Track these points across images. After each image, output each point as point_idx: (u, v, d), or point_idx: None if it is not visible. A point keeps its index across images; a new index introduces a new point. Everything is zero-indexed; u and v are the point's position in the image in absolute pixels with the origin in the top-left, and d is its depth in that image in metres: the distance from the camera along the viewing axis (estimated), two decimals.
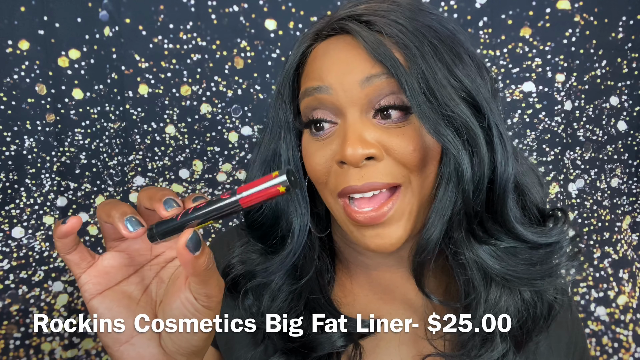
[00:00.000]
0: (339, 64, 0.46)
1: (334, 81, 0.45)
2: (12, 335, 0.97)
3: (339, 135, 0.46)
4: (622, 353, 1.07)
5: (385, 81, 0.44)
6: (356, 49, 0.45)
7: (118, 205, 0.37)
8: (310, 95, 0.47)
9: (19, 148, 0.95)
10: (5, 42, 0.93)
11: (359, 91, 0.44)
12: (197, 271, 0.35)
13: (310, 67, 0.49)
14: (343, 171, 0.45)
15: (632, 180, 1.05)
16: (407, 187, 0.45)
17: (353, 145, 0.43)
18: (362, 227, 0.46)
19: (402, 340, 0.51)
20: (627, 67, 1.01)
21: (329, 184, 0.47)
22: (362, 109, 0.45)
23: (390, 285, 0.53)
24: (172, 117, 0.99)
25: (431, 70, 0.43)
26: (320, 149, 0.47)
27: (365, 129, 0.44)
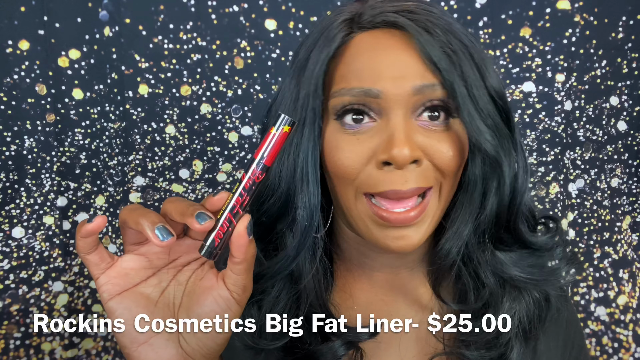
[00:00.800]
0: (392, 66, 0.44)
1: (386, 86, 0.43)
2: (12, 335, 0.97)
3: (379, 133, 0.44)
4: (622, 353, 1.07)
5: (436, 91, 0.44)
6: (409, 49, 0.44)
7: (147, 213, 0.37)
8: (355, 96, 0.44)
9: (19, 148, 0.95)
10: (5, 42, 0.93)
11: (410, 96, 0.44)
12: (248, 256, 0.37)
13: (352, 61, 0.45)
14: (383, 173, 0.44)
15: (632, 180, 1.05)
16: (436, 190, 0.45)
17: (402, 146, 0.42)
18: (386, 228, 0.45)
19: (402, 340, 0.51)
20: (627, 67, 1.01)
21: (357, 181, 0.45)
22: (407, 111, 0.44)
23: (392, 286, 0.53)
24: (172, 117, 0.99)
25: (474, 78, 0.44)
26: (354, 144, 0.45)
27: (410, 130, 0.44)
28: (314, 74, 0.46)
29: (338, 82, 0.45)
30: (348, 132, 0.45)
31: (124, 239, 0.40)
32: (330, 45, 0.46)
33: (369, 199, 0.45)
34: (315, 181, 0.46)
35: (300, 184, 0.46)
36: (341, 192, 0.47)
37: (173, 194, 1.01)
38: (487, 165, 0.45)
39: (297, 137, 0.46)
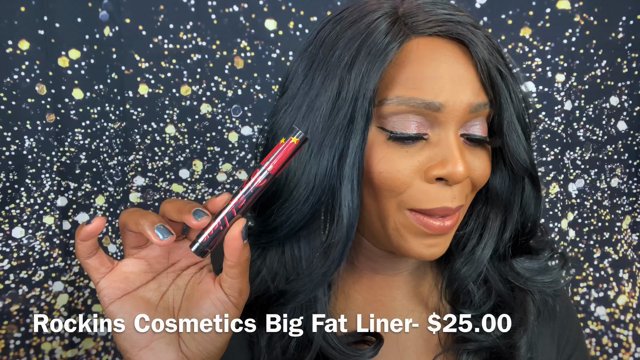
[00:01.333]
0: (453, 80, 0.43)
1: (448, 100, 0.42)
2: (12, 335, 0.98)
3: (430, 147, 0.43)
4: (622, 353, 1.07)
5: (486, 111, 0.45)
6: (468, 63, 0.44)
7: (146, 214, 0.38)
8: (414, 106, 0.42)
9: (19, 148, 0.95)
10: (5, 42, 0.93)
11: (465, 113, 0.43)
12: (242, 259, 0.37)
13: (412, 68, 0.43)
14: (434, 188, 0.43)
15: (632, 180, 1.05)
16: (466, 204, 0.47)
17: (461, 165, 0.42)
18: (424, 237, 0.45)
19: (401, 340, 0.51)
20: (627, 67, 1.01)
21: (405, 195, 0.43)
22: (458, 126, 0.44)
23: (391, 287, 0.53)
24: (172, 117, 0.99)
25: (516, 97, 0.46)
26: (405, 157, 0.43)
27: (462, 148, 0.44)
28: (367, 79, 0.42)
29: (392, 87, 0.43)
30: (400, 146, 0.43)
31: (124, 242, 0.40)
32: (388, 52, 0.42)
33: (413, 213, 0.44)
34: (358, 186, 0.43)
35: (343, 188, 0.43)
36: (382, 203, 0.45)
37: (173, 194, 1.01)
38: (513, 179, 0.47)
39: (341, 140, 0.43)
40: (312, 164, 0.44)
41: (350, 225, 0.43)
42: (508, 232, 0.48)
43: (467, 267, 0.48)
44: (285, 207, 0.45)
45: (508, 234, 0.48)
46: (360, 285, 0.53)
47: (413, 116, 0.43)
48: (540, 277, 0.51)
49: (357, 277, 0.54)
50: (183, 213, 0.37)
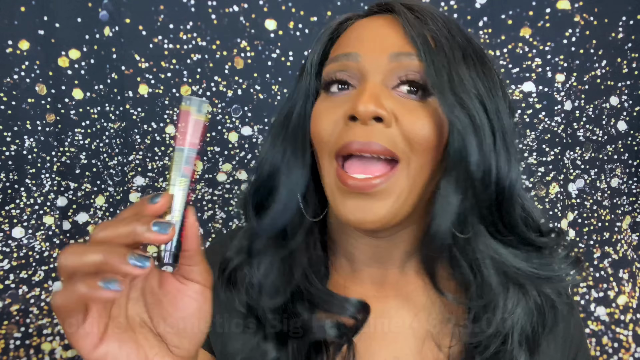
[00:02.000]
0: (373, 36, 0.47)
1: (364, 50, 0.46)
2: (12, 335, 0.98)
3: (355, 95, 0.45)
4: (622, 353, 1.07)
5: (413, 62, 0.45)
6: (394, 27, 0.47)
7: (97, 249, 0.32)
8: (337, 61, 0.47)
9: (19, 148, 0.95)
10: (5, 42, 0.93)
11: (386, 63, 0.45)
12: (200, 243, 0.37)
13: (343, 38, 0.50)
14: (348, 127, 0.44)
15: (632, 180, 1.05)
16: (405, 166, 0.44)
17: (367, 101, 0.43)
18: (347, 196, 0.44)
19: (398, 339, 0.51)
20: (627, 67, 1.01)
21: (329, 143, 0.46)
22: (384, 78, 0.45)
23: (384, 283, 0.52)
24: (172, 117, 0.99)
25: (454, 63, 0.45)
26: (332, 107, 0.46)
27: (382, 94, 0.44)
28: (312, 55, 0.51)
29: (330, 56, 0.49)
30: (330, 98, 0.47)
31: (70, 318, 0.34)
32: (328, 30, 0.51)
33: (340, 164, 0.45)
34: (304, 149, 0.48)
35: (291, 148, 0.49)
36: (321, 159, 0.47)
37: None
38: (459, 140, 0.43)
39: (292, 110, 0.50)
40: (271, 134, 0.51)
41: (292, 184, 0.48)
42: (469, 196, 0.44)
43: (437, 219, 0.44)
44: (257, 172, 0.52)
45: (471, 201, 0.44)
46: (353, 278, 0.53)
47: (340, 72, 0.47)
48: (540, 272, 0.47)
49: (347, 271, 0.54)
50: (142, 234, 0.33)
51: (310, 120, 0.48)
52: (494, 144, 0.44)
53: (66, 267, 0.32)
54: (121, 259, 0.32)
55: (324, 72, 0.48)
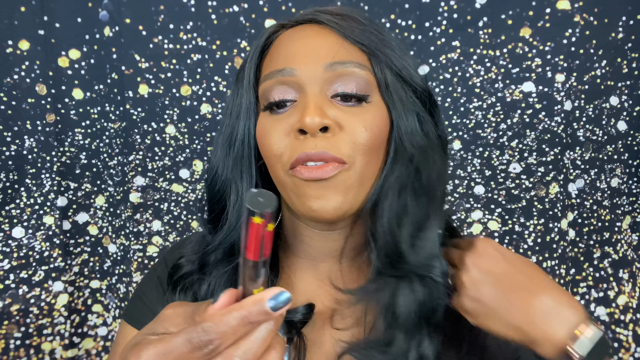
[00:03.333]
0: (305, 47, 0.49)
1: (299, 63, 0.48)
2: (12, 335, 0.98)
3: (298, 108, 0.48)
4: (622, 353, 1.07)
5: (347, 69, 0.48)
6: (323, 35, 0.49)
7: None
8: (272, 78, 0.49)
9: (19, 148, 0.96)
10: (5, 42, 0.93)
11: (322, 72, 0.48)
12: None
13: (274, 51, 0.51)
14: (299, 142, 0.47)
15: (632, 180, 1.05)
16: (352, 165, 0.48)
17: (312, 113, 0.45)
18: (306, 188, 0.47)
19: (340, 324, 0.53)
20: (627, 67, 1.01)
21: (283, 157, 0.48)
22: (322, 87, 0.48)
23: (337, 276, 0.54)
24: (172, 117, 0.99)
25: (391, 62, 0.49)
26: (277, 124, 0.48)
27: (324, 104, 0.47)
28: (246, 69, 0.52)
29: (263, 72, 0.51)
30: (274, 116, 0.49)
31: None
32: (259, 41, 0.53)
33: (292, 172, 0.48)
34: (249, 164, 0.52)
35: (237, 165, 0.52)
36: (275, 173, 0.50)
37: (173, 194, 1.01)
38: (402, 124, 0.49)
39: (236, 126, 0.52)
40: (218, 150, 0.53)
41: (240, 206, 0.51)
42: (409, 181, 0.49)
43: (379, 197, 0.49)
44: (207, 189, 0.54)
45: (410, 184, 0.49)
46: (307, 276, 0.55)
47: (278, 87, 0.49)
48: (433, 262, 0.48)
49: (301, 268, 0.56)
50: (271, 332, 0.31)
51: (254, 136, 0.52)
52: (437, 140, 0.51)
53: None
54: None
55: (261, 90, 0.50)
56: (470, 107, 1.01)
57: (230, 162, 0.52)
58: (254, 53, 0.52)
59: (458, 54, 0.99)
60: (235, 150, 0.52)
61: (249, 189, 0.40)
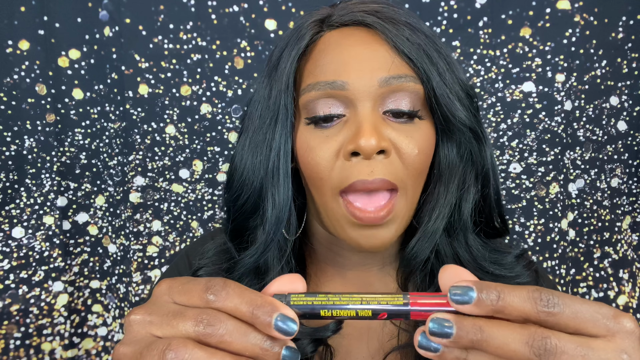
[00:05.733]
0: (357, 58, 0.45)
1: (351, 76, 0.44)
2: (12, 335, 0.97)
3: (348, 126, 0.44)
4: None
5: (404, 84, 0.44)
6: (375, 43, 0.45)
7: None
8: (319, 90, 0.45)
9: (19, 148, 0.96)
10: (5, 42, 0.93)
11: (377, 88, 0.44)
12: None
13: (320, 56, 0.46)
14: (351, 165, 0.44)
15: (632, 180, 1.05)
16: (403, 192, 0.45)
17: (369, 135, 0.42)
18: (360, 227, 0.45)
19: (370, 335, 0.52)
20: (627, 67, 1.01)
21: (331, 179, 0.45)
22: (375, 103, 0.44)
23: (364, 283, 0.53)
24: (172, 117, 0.99)
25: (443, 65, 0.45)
26: (325, 142, 0.45)
27: (378, 123, 0.44)
28: (285, 71, 0.47)
29: (306, 78, 0.46)
30: (320, 130, 0.46)
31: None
32: (300, 42, 0.47)
33: (344, 197, 0.45)
34: (286, 177, 0.47)
35: (272, 180, 0.47)
36: (319, 193, 0.46)
37: (173, 194, 1.01)
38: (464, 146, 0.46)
39: (270, 134, 0.47)
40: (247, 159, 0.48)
41: (277, 218, 0.46)
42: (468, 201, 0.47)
43: (419, 243, 0.47)
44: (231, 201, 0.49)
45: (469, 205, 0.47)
46: (333, 283, 0.54)
47: (325, 100, 0.45)
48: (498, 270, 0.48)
49: (330, 276, 0.54)
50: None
51: (291, 148, 0.47)
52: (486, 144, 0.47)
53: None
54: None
55: (304, 100, 0.46)
56: None
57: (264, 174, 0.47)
58: (295, 55, 0.47)
59: (458, 54, 0.99)
60: (270, 162, 0.47)
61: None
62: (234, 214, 0.49)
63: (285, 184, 0.47)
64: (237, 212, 0.49)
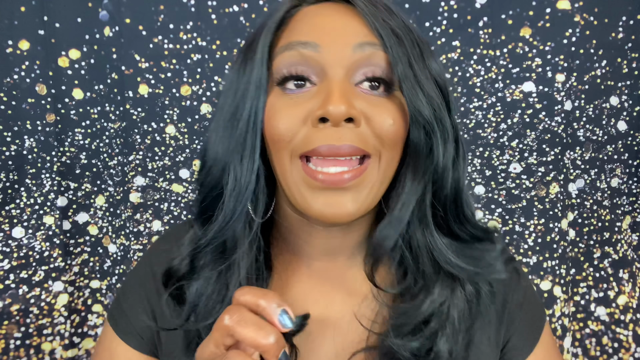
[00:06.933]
0: (333, 24, 0.44)
1: (325, 39, 0.43)
2: (12, 335, 0.98)
3: (318, 94, 0.43)
4: (622, 353, 1.07)
5: (377, 52, 0.44)
6: (352, 15, 0.45)
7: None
8: (292, 49, 0.44)
9: (19, 148, 0.96)
10: (5, 42, 0.93)
11: (350, 54, 0.43)
12: None
13: (295, 25, 0.46)
14: (318, 130, 0.42)
15: (632, 180, 1.05)
16: (376, 160, 0.44)
17: (339, 101, 0.41)
18: (317, 192, 0.43)
19: (335, 332, 0.51)
20: (627, 67, 1.01)
21: (292, 142, 0.43)
22: (347, 72, 0.44)
23: (330, 275, 0.52)
24: (172, 117, 0.99)
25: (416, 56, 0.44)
26: (291, 106, 0.44)
27: (349, 91, 0.43)
28: (260, 42, 0.46)
29: (279, 43, 0.46)
30: (288, 96, 0.45)
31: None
32: (276, 14, 0.47)
33: (304, 162, 0.44)
34: (253, 150, 0.45)
35: (237, 152, 0.45)
36: (278, 158, 0.45)
37: (173, 194, 1.01)
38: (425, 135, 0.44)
39: (241, 105, 0.45)
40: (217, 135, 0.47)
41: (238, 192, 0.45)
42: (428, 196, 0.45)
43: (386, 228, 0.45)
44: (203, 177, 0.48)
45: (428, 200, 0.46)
46: (299, 274, 0.52)
47: (298, 63, 0.44)
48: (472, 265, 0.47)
49: (296, 266, 0.53)
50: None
51: (262, 118, 0.45)
52: (454, 139, 0.46)
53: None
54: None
55: (277, 62, 0.45)
56: (471, 107, 1.01)
57: (231, 144, 0.46)
58: (271, 26, 0.46)
59: (458, 54, 0.99)
60: (237, 130, 0.45)
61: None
62: (203, 191, 0.48)
63: (251, 156, 0.45)
64: (206, 188, 0.48)
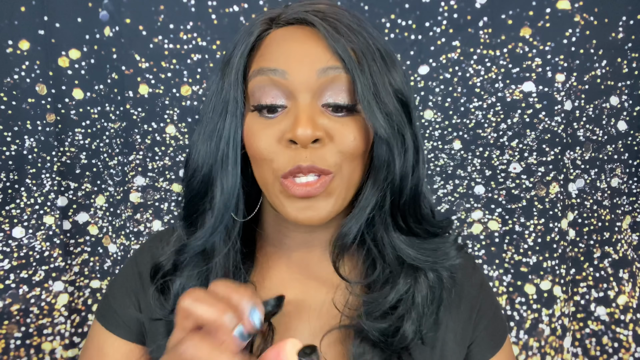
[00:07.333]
0: (298, 51, 0.49)
1: (292, 67, 0.48)
2: (12, 335, 0.98)
3: (289, 116, 0.49)
4: (622, 353, 1.07)
5: (340, 75, 0.48)
6: (316, 40, 0.49)
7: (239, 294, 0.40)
8: (264, 75, 0.49)
9: (19, 148, 0.96)
10: (5, 42, 0.93)
11: (315, 79, 0.48)
12: None
13: (266, 49, 0.51)
14: (291, 152, 0.48)
15: (632, 180, 1.05)
16: (339, 174, 0.50)
17: (305, 125, 0.46)
18: (293, 200, 0.49)
19: (311, 315, 0.55)
20: (627, 67, 1.01)
21: (274, 162, 0.49)
22: (314, 95, 0.48)
23: (307, 265, 0.57)
24: (173, 117, 0.99)
25: (377, 73, 0.49)
26: (267, 127, 0.49)
27: (315, 113, 0.48)
28: (235, 65, 0.52)
29: (253, 68, 0.51)
30: (263, 118, 0.50)
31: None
32: (249, 38, 0.52)
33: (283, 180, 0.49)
34: (235, 165, 0.51)
35: (221, 167, 0.51)
36: (262, 173, 0.51)
37: (173, 194, 1.01)
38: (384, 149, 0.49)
39: (221, 124, 0.51)
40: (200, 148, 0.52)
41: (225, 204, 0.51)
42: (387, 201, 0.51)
43: (347, 224, 0.51)
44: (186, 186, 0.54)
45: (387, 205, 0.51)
46: (279, 264, 0.58)
47: (269, 88, 0.49)
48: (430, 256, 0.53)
49: (276, 257, 0.58)
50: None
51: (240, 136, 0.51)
52: (414, 149, 0.51)
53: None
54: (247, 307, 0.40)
55: (251, 85, 0.50)
56: (471, 107, 1.01)
57: (214, 161, 0.51)
58: (245, 50, 0.52)
59: (458, 54, 0.99)
60: (220, 150, 0.51)
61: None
62: (187, 198, 0.54)
63: (234, 171, 0.51)
64: (190, 196, 0.53)
